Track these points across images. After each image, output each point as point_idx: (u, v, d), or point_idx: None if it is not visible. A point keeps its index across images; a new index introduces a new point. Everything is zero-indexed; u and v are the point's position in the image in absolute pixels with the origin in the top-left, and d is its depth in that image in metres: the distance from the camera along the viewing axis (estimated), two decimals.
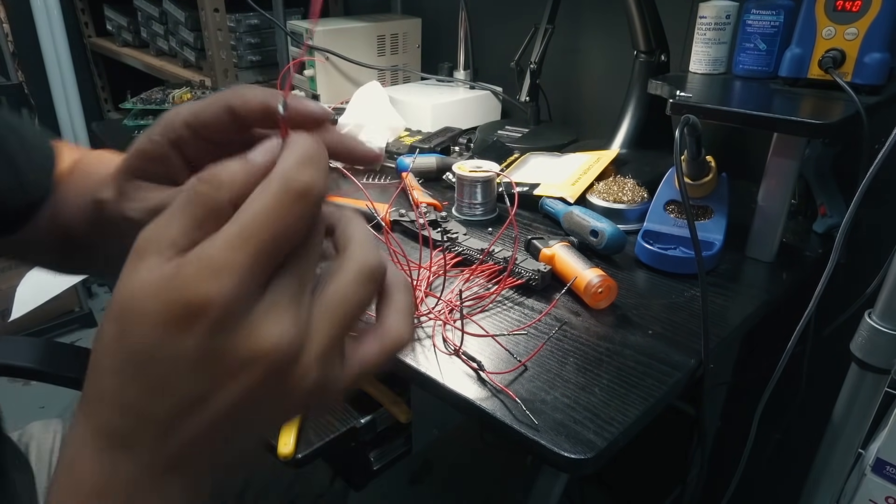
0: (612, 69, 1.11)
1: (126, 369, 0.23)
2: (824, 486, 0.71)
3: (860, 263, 0.73)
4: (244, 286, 0.22)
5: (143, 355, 0.23)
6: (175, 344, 0.22)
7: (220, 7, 1.36)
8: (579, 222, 0.73)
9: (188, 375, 0.23)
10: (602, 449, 0.46)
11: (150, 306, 0.22)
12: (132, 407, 0.23)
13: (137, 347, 0.23)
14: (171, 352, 0.23)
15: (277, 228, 0.23)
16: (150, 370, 0.23)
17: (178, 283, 0.22)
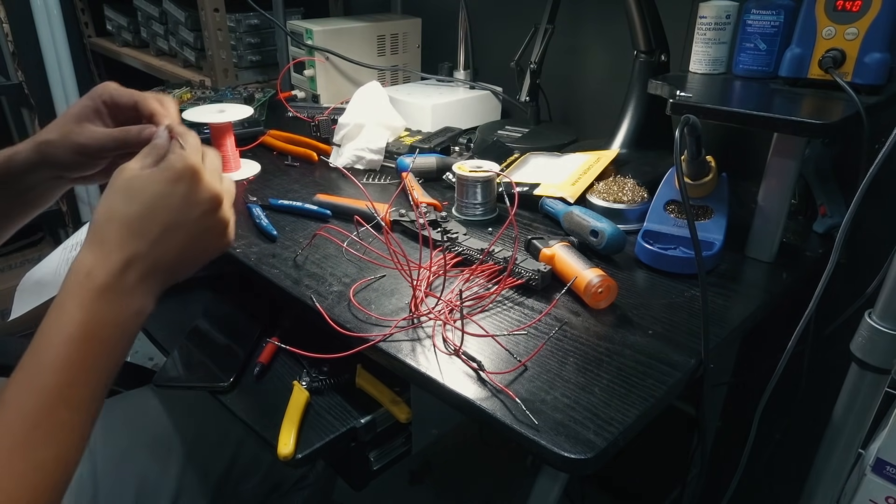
0: (612, 69, 1.11)
1: (138, 213, 0.45)
2: (824, 486, 0.71)
3: (860, 263, 0.73)
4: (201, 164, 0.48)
5: (151, 200, 0.45)
6: (172, 190, 0.46)
7: (220, 7, 1.36)
8: (579, 222, 0.73)
9: (177, 208, 0.46)
10: (602, 449, 0.46)
11: (156, 175, 0.46)
12: (139, 230, 0.45)
13: (146, 197, 0.45)
14: (168, 196, 0.46)
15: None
16: (155, 207, 0.45)
17: (177, 158, 0.47)
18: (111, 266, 0.43)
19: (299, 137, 1.07)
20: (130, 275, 0.43)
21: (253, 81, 1.52)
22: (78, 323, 0.41)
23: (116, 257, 0.43)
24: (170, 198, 0.45)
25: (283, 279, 0.68)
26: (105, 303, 0.42)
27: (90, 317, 0.41)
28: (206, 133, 1.04)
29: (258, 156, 1.05)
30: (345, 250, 0.74)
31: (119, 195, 0.45)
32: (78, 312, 0.41)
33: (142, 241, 0.44)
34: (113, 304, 0.42)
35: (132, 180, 0.45)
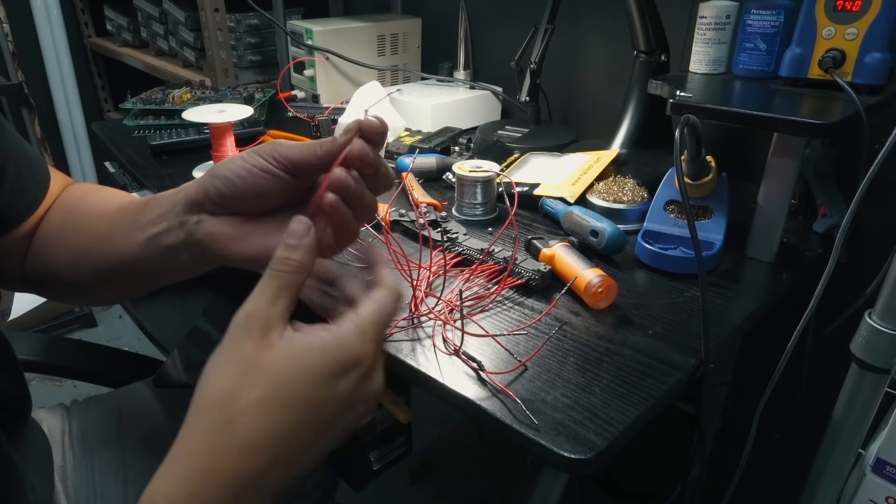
0: (612, 69, 1.11)
1: (270, 417, 0.33)
2: (824, 486, 0.71)
3: (860, 263, 0.73)
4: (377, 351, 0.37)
5: (297, 402, 0.34)
6: (331, 388, 0.35)
7: (220, 7, 1.36)
8: (579, 222, 0.73)
9: (333, 411, 0.35)
10: (602, 449, 0.46)
11: (314, 364, 0.34)
12: (271, 448, 0.33)
13: (292, 396, 0.34)
14: (325, 395, 0.34)
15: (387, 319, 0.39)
16: (301, 413, 0.34)
17: (344, 345, 0.35)
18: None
19: (299, 137, 1.07)
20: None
21: (253, 81, 1.52)
22: None
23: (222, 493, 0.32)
24: (327, 402, 0.34)
25: None
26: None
27: None
28: (206, 133, 1.04)
29: None
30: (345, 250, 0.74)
31: (245, 383, 0.33)
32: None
33: (264, 465, 0.32)
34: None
35: (266, 361, 0.33)
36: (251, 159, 0.42)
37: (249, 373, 0.33)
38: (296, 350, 0.34)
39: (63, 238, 0.52)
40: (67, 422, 0.69)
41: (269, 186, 0.42)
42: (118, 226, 0.48)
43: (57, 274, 0.51)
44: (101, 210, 0.51)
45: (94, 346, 0.82)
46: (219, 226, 0.44)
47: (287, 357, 0.34)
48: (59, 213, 0.54)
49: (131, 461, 0.67)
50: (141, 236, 0.46)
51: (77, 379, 0.81)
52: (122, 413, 0.71)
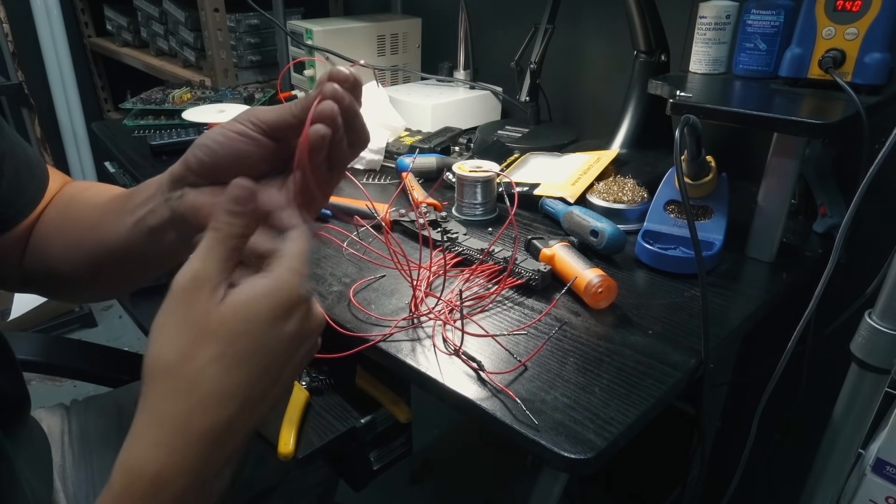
0: (612, 69, 1.11)
1: (230, 370, 0.34)
2: (824, 486, 0.71)
3: (860, 263, 0.73)
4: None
5: (251, 351, 0.34)
6: (280, 330, 0.35)
7: (220, 7, 1.36)
8: (579, 222, 0.73)
9: (285, 351, 0.35)
10: (602, 449, 0.46)
11: (261, 312, 0.34)
12: (236, 396, 0.34)
13: (247, 346, 0.34)
14: (276, 338, 0.35)
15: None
16: (257, 360, 0.34)
17: (283, 288, 0.35)
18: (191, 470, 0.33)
19: None
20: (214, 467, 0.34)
21: (253, 81, 1.52)
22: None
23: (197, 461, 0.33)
24: (280, 343, 0.35)
25: None
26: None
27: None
28: None
29: None
30: (345, 250, 0.74)
31: (199, 343, 0.33)
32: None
33: (232, 414, 0.34)
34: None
35: (215, 318, 0.33)
36: (229, 125, 0.42)
37: (202, 333, 0.33)
38: (243, 303, 0.34)
39: (58, 232, 0.52)
40: (67, 421, 0.69)
41: (248, 150, 0.42)
42: (108, 214, 0.48)
43: (53, 268, 0.52)
44: (94, 202, 0.52)
45: (94, 346, 0.82)
46: (201, 196, 0.43)
47: (236, 311, 0.34)
48: (55, 209, 0.54)
49: None
50: (129, 220, 0.46)
51: (77, 379, 0.81)
52: (121, 413, 0.71)
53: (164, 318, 0.34)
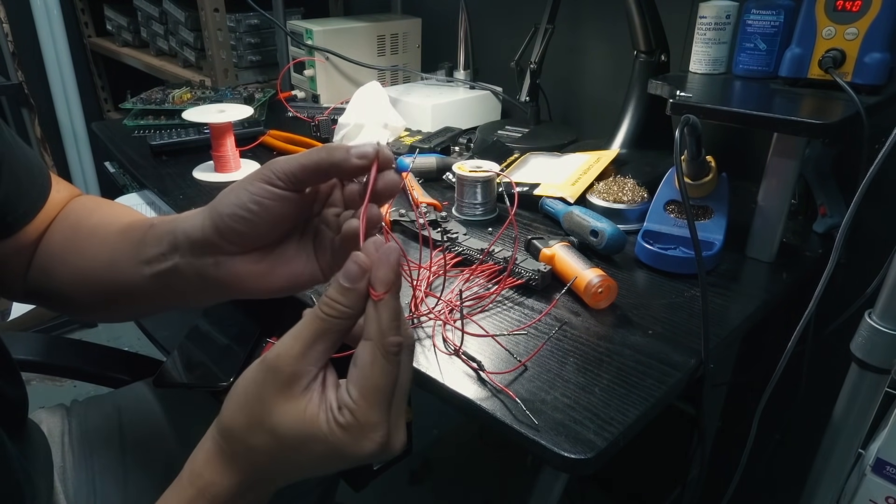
0: (612, 69, 1.11)
1: (278, 463, 0.36)
2: (824, 486, 0.71)
3: (860, 263, 0.73)
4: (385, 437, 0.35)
5: (301, 463, 0.36)
6: (331, 464, 0.36)
7: (220, 7, 1.36)
8: (579, 222, 0.73)
9: (343, 462, 0.35)
10: (602, 449, 0.46)
11: (320, 449, 0.34)
12: (282, 477, 0.37)
13: (302, 458, 0.35)
14: (335, 458, 0.35)
15: (389, 386, 0.34)
16: (307, 466, 0.36)
17: (345, 443, 0.34)
18: (240, 497, 0.37)
19: (299, 137, 1.07)
20: (261, 498, 0.39)
21: (253, 81, 1.52)
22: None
23: (251, 492, 0.38)
24: (332, 464, 0.36)
25: None
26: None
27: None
28: (206, 133, 1.04)
29: (258, 156, 1.05)
30: None
31: (258, 429, 0.35)
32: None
33: (280, 474, 0.37)
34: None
35: (279, 417, 0.34)
36: (255, 188, 0.39)
37: (258, 421, 0.35)
38: (307, 425, 0.34)
39: (66, 258, 0.50)
40: (67, 422, 0.69)
41: (283, 212, 0.39)
42: (122, 255, 0.46)
43: (61, 291, 0.50)
44: (103, 233, 0.49)
45: (94, 346, 0.82)
46: (242, 265, 0.41)
47: (297, 425, 0.34)
48: (61, 230, 0.52)
49: (131, 461, 0.67)
50: (147, 271, 0.44)
51: (77, 379, 0.81)
52: (121, 413, 0.71)
53: (246, 383, 0.36)
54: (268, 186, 0.38)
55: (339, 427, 0.33)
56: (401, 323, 0.35)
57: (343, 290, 0.34)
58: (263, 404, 0.34)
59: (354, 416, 0.33)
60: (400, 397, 0.35)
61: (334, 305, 0.34)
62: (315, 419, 0.34)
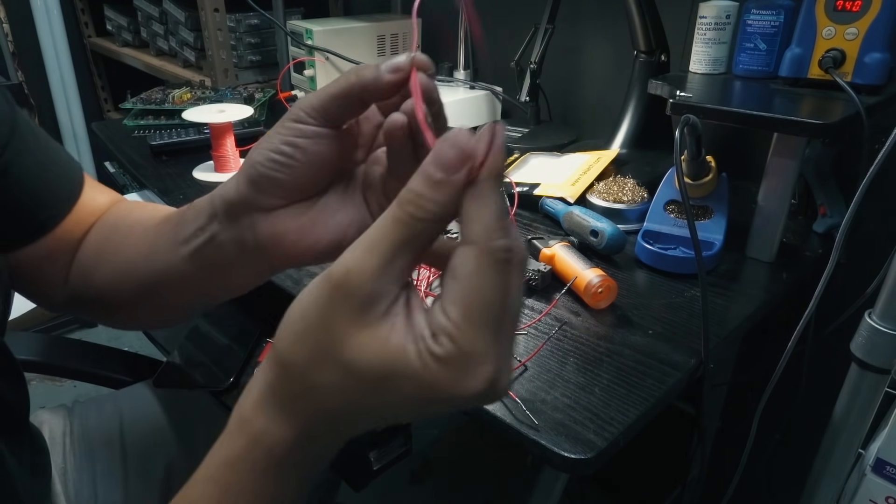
0: (612, 69, 1.11)
1: (350, 407, 0.29)
2: (824, 486, 0.71)
3: (860, 263, 0.73)
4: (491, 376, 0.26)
5: (381, 405, 0.28)
6: (425, 407, 0.28)
7: (220, 7, 1.36)
8: (579, 222, 0.73)
9: (410, 413, 0.29)
10: (602, 449, 0.46)
11: (409, 389, 0.27)
12: (349, 423, 0.30)
13: (385, 401, 0.28)
14: (414, 407, 0.28)
15: (499, 304, 0.26)
16: (386, 411, 0.29)
17: (444, 381, 0.26)
18: (300, 449, 0.31)
19: None
20: (324, 451, 0.32)
21: (253, 81, 1.52)
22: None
23: (313, 444, 0.31)
24: (437, 403, 0.28)
25: (283, 279, 0.68)
26: (282, 479, 0.31)
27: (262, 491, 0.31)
28: (206, 133, 1.04)
29: None
30: None
31: (327, 365, 0.28)
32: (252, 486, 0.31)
33: (353, 420, 0.30)
34: (290, 479, 0.32)
35: (353, 351, 0.27)
36: (286, 129, 0.34)
37: (325, 354, 0.28)
38: (392, 359, 0.26)
39: (106, 257, 0.49)
40: (69, 423, 0.69)
41: (320, 151, 0.34)
42: (161, 243, 0.43)
43: (101, 294, 0.49)
44: (142, 226, 0.47)
45: (94, 346, 0.82)
46: (282, 222, 0.36)
47: (378, 360, 0.27)
48: (100, 232, 0.51)
49: (132, 462, 0.67)
50: (185, 251, 0.40)
51: (77, 379, 0.81)
52: (123, 414, 0.71)
53: (304, 307, 0.29)
54: (298, 125, 0.34)
55: (435, 360, 0.26)
56: (508, 225, 0.27)
57: (435, 183, 0.26)
58: (331, 334, 0.27)
59: (456, 344, 0.26)
60: (510, 323, 0.27)
61: (423, 204, 0.26)
62: (402, 351, 0.26)
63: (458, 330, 0.26)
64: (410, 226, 0.26)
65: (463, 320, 0.26)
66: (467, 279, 0.26)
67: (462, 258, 0.26)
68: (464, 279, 0.26)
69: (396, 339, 0.26)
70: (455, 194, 0.26)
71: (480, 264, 0.25)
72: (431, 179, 0.26)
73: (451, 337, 0.26)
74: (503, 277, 0.26)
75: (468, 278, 0.26)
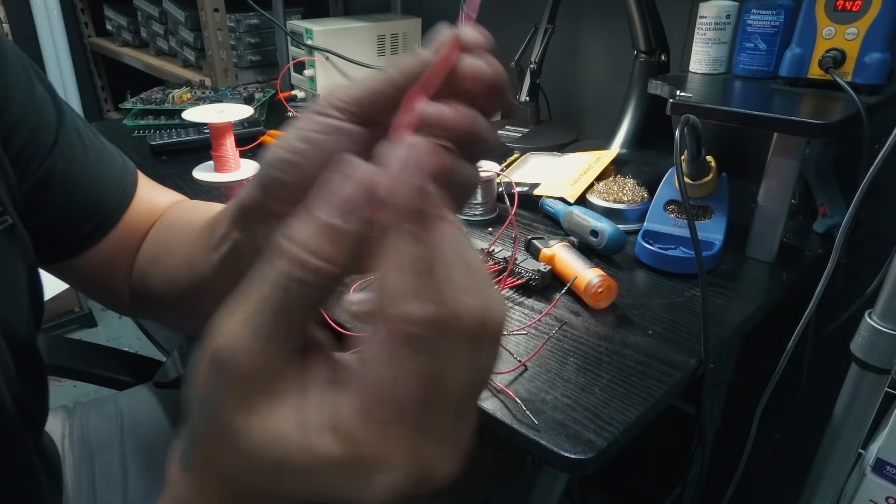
0: (612, 69, 1.11)
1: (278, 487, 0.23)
2: (824, 486, 0.71)
3: (860, 263, 0.73)
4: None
5: (300, 490, 0.22)
6: (332, 500, 0.22)
7: (220, 7, 1.36)
8: (579, 222, 0.73)
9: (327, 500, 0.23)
10: (602, 449, 0.46)
11: (304, 482, 0.22)
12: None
13: (288, 489, 0.22)
14: (325, 498, 0.22)
15: (409, 395, 0.20)
16: (301, 496, 0.23)
17: (340, 483, 0.21)
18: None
19: None
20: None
21: (253, 81, 1.52)
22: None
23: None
24: (346, 497, 0.22)
25: None
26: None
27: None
28: (206, 133, 1.04)
29: (258, 156, 1.05)
30: None
31: (243, 455, 0.22)
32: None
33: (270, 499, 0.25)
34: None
35: (277, 454, 0.21)
36: (305, 123, 0.29)
37: (217, 432, 0.23)
38: (280, 449, 0.21)
39: (159, 259, 0.49)
40: (69, 424, 0.69)
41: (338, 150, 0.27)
42: (199, 248, 0.41)
43: (154, 295, 0.49)
44: (190, 229, 0.45)
45: (94, 346, 0.82)
46: None
47: (266, 447, 0.21)
48: (157, 234, 0.51)
49: (132, 464, 0.67)
50: (215, 258, 0.38)
51: (77, 379, 0.81)
52: (123, 416, 0.71)
53: (196, 373, 0.24)
54: (320, 118, 0.28)
55: (319, 460, 0.20)
56: (443, 282, 0.19)
57: (328, 230, 0.20)
58: (214, 410, 0.22)
59: (345, 445, 0.20)
60: (446, 411, 0.21)
61: (304, 260, 0.20)
62: (281, 442, 0.21)
63: (349, 426, 0.20)
64: (289, 289, 0.20)
65: (358, 414, 0.20)
66: (367, 362, 0.20)
67: (370, 332, 0.20)
68: (365, 361, 0.20)
69: (276, 426, 0.21)
70: (351, 246, 0.20)
71: (383, 344, 0.20)
72: (318, 223, 0.20)
73: (341, 433, 0.20)
74: (417, 361, 0.19)
75: (368, 361, 0.20)
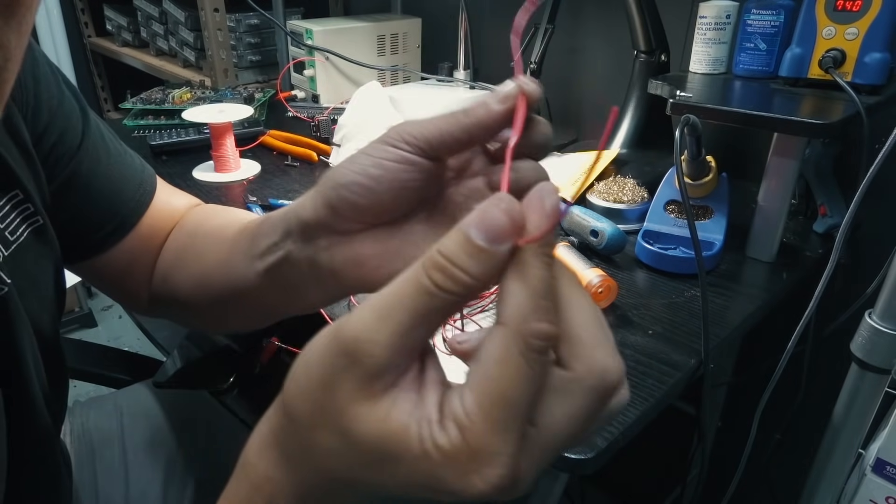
0: (612, 69, 1.11)
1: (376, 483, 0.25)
2: (824, 486, 0.71)
3: (860, 263, 0.73)
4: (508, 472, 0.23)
5: (388, 483, 0.24)
6: (422, 493, 0.24)
7: (220, 7, 1.36)
8: (579, 222, 0.73)
9: (415, 494, 0.24)
10: (602, 449, 0.46)
11: (404, 472, 0.23)
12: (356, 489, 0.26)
13: (382, 478, 0.24)
14: (415, 491, 0.24)
15: (525, 401, 0.22)
16: (389, 487, 0.25)
17: (444, 474, 0.23)
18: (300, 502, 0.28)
19: (299, 137, 1.07)
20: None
21: (253, 81, 1.52)
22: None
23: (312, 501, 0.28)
24: (439, 493, 0.24)
25: None
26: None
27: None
28: (206, 133, 1.04)
29: (258, 156, 1.05)
30: None
31: (325, 430, 0.24)
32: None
33: (356, 486, 0.26)
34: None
35: (390, 445, 0.23)
36: (379, 151, 0.32)
37: (323, 414, 0.24)
38: (390, 438, 0.23)
39: (185, 262, 0.49)
40: (69, 423, 0.69)
41: (410, 181, 0.31)
42: (236, 254, 0.42)
43: (179, 297, 0.49)
44: (220, 234, 0.46)
45: (94, 346, 0.82)
46: (361, 247, 0.34)
47: (376, 435, 0.23)
48: (180, 236, 0.52)
49: (132, 462, 0.67)
50: (259, 266, 0.39)
51: (77, 379, 0.81)
52: (123, 414, 0.71)
53: (309, 359, 0.25)
54: (393, 149, 0.31)
55: (437, 448, 0.22)
56: (564, 307, 0.23)
57: (474, 250, 0.22)
58: (333, 397, 0.24)
59: (464, 437, 0.22)
60: (548, 430, 0.24)
61: (454, 274, 0.22)
62: (403, 432, 0.23)
63: (469, 420, 0.22)
64: (434, 296, 0.22)
65: (477, 411, 0.22)
66: (490, 365, 0.22)
67: (491, 339, 0.23)
68: (486, 364, 0.22)
69: (398, 417, 0.23)
70: (496, 267, 0.23)
71: (508, 350, 0.22)
72: (471, 245, 0.22)
73: (460, 426, 0.22)
74: (535, 372, 0.22)
75: (491, 364, 0.22)
